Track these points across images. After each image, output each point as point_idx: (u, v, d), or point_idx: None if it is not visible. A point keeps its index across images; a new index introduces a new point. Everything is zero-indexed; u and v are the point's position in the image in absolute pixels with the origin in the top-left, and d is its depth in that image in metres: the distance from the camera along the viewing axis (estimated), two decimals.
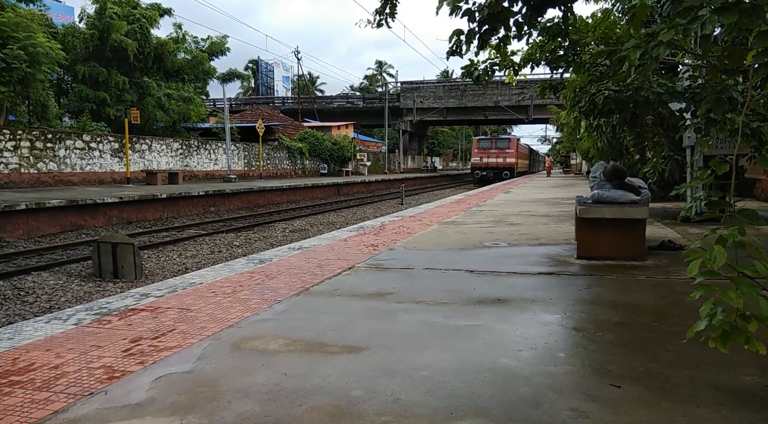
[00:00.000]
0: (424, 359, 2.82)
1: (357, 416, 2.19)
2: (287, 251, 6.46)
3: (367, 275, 5.03)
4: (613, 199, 5.91)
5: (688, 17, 2.38)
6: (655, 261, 5.59)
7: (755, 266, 1.97)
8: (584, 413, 2.20)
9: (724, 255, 1.96)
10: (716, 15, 2.25)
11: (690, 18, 2.37)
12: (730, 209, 2.19)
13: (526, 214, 10.89)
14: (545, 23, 6.21)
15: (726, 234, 1.99)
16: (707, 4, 2.31)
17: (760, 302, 1.92)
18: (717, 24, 2.26)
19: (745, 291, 1.92)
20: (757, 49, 2.23)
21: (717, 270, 1.96)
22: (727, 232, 1.99)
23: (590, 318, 3.60)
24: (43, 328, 3.41)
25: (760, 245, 2.01)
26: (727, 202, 2.25)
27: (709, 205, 2.30)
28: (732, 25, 2.29)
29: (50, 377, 2.62)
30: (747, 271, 1.97)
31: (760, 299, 1.92)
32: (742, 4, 2.20)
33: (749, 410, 2.21)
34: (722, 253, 1.96)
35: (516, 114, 50.74)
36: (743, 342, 1.95)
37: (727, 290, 1.94)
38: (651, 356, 2.86)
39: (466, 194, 18.51)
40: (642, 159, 14.49)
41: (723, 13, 2.22)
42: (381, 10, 5.64)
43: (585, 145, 22.24)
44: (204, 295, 4.25)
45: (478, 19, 4.75)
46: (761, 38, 2.21)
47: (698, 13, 2.34)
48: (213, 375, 2.63)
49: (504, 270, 5.21)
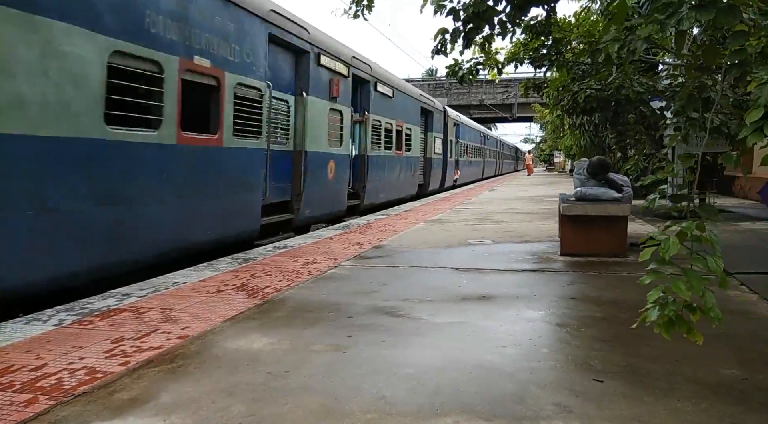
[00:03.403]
0: (409, 357, 2.83)
1: (342, 414, 2.19)
2: (272, 249, 6.43)
3: (352, 274, 5.02)
4: (596, 196, 5.97)
5: (666, 13, 2.42)
6: (636, 257, 5.65)
7: (707, 261, 2.05)
8: (567, 407, 2.22)
9: (676, 246, 2.05)
10: (693, 12, 2.29)
11: (667, 14, 2.41)
12: (691, 204, 2.25)
13: (510, 211, 10.97)
14: (528, 21, 6.25)
15: (684, 227, 2.06)
16: (686, 2, 2.35)
17: (707, 296, 2.01)
18: (694, 21, 2.30)
19: (694, 284, 2.01)
20: (731, 48, 2.28)
21: (668, 259, 2.05)
22: (685, 225, 2.06)
23: (573, 314, 3.64)
24: (23, 329, 3.36)
25: (716, 241, 2.08)
26: (690, 196, 2.31)
27: (673, 199, 2.36)
28: (709, 23, 2.33)
29: (31, 378, 2.58)
30: (699, 265, 2.05)
31: (707, 293, 2.01)
32: (719, 3, 2.24)
33: (727, 403, 2.26)
34: (675, 243, 2.05)
35: (500, 112, 51.02)
36: (684, 331, 2.04)
37: (678, 280, 2.02)
38: (633, 351, 2.90)
39: (450, 192, 18.57)
40: (624, 157, 14.68)
41: (700, 11, 2.26)
42: (358, 0, 5.60)
43: (568, 143, 22.47)
44: (187, 294, 4.21)
45: (463, 18, 4.77)
46: (736, 38, 2.25)
47: (677, 10, 2.37)
48: (197, 375, 2.61)
49: (489, 267, 5.24)
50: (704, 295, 2.00)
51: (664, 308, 2.03)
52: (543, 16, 5.93)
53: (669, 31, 2.46)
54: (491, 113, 52.06)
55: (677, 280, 2.02)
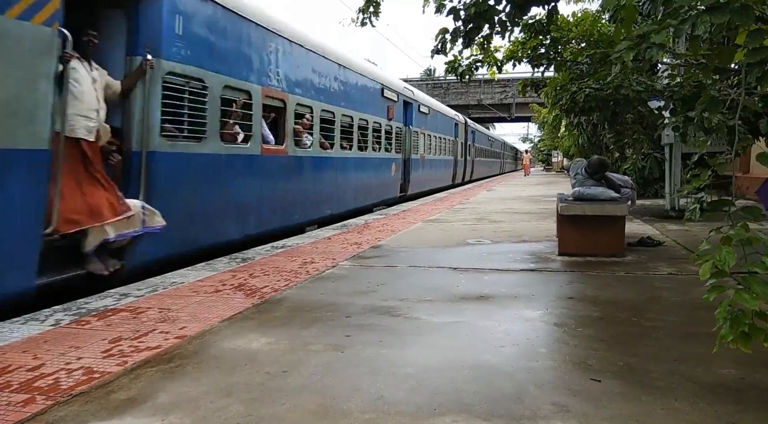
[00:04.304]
0: (408, 357, 2.83)
1: (341, 414, 2.19)
2: (270, 249, 6.42)
3: (350, 273, 5.02)
4: (594, 196, 5.98)
5: (679, 18, 2.39)
6: (634, 257, 5.67)
7: (765, 262, 1.94)
8: (565, 407, 2.22)
9: (733, 256, 1.95)
10: (708, 15, 2.25)
11: (681, 19, 2.38)
12: (732, 207, 2.16)
13: (508, 211, 10.97)
14: (527, 20, 6.26)
15: (733, 234, 1.97)
16: (697, 5, 2.32)
17: None
18: (709, 25, 2.26)
19: (758, 290, 1.90)
20: (749, 47, 2.24)
21: (728, 271, 1.94)
22: (734, 232, 1.97)
23: (571, 314, 3.64)
24: (20, 329, 3.35)
25: (767, 240, 2.00)
26: (730, 200, 2.22)
27: (711, 205, 2.30)
28: (723, 25, 2.30)
29: (28, 378, 2.57)
30: (757, 268, 1.95)
31: None
32: (732, 4, 2.21)
33: (725, 403, 2.26)
34: (731, 253, 1.95)
35: (499, 112, 50.99)
36: (763, 340, 1.94)
37: (741, 291, 1.93)
38: (630, 351, 2.90)
39: (449, 192, 18.59)
40: (622, 157, 14.69)
41: (714, 14, 2.22)
42: (365, 9, 5.65)
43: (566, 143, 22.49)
44: (185, 294, 4.21)
45: (464, 18, 4.78)
46: (753, 37, 2.22)
47: (688, 14, 2.34)
48: (195, 375, 2.61)
49: (487, 267, 5.24)
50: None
51: (735, 322, 1.94)
52: (543, 15, 5.94)
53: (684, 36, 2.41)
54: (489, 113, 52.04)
55: (739, 291, 1.93)
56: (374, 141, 12.09)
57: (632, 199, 6.44)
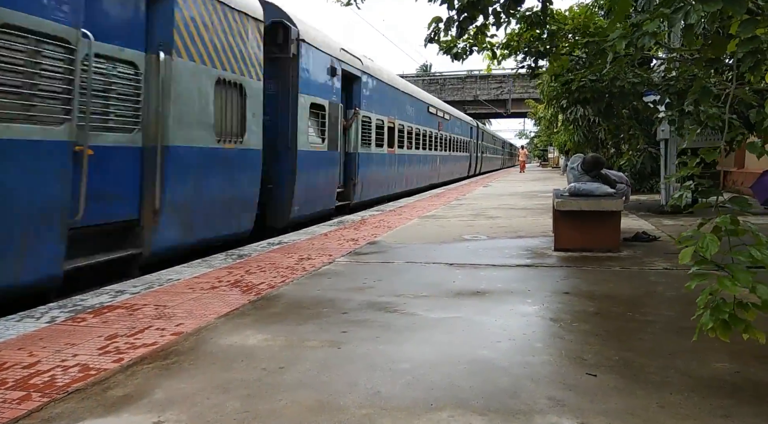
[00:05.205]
0: (405, 352, 2.83)
1: (337, 409, 2.19)
2: (267, 245, 6.41)
3: (347, 270, 5.02)
4: (590, 191, 5.99)
5: (672, 7, 2.38)
6: (629, 252, 5.69)
7: (751, 252, 1.93)
8: (561, 401, 2.23)
9: (716, 243, 1.94)
10: (700, 4, 2.24)
11: (674, 8, 2.37)
12: (720, 198, 2.16)
13: (504, 207, 10.99)
14: (524, 12, 6.24)
15: (719, 222, 1.96)
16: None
17: (758, 288, 1.87)
18: (702, 14, 2.25)
19: (741, 278, 1.88)
20: (742, 36, 2.23)
21: (710, 258, 1.93)
22: (720, 220, 1.96)
23: (567, 309, 3.66)
24: (15, 326, 3.34)
25: (756, 230, 1.98)
26: (718, 190, 2.23)
27: (701, 194, 2.29)
28: (716, 14, 2.29)
29: (23, 376, 2.56)
30: (742, 258, 1.93)
31: (757, 285, 1.88)
32: None
33: (719, 396, 2.27)
34: (714, 240, 1.94)
35: (495, 108, 50.96)
36: (742, 330, 1.94)
37: (723, 278, 1.91)
38: (626, 345, 2.91)
39: (445, 188, 18.59)
40: (617, 152, 14.71)
41: (707, 3, 2.21)
42: None
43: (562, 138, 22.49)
44: (181, 291, 4.20)
45: (457, 7, 4.75)
46: (746, 26, 2.21)
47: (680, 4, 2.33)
48: (191, 371, 2.61)
49: (483, 263, 5.25)
50: (755, 289, 1.87)
51: (716, 310, 1.92)
52: (539, 7, 5.92)
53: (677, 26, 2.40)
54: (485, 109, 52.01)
55: (722, 278, 1.91)
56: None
57: (626, 196, 6.46)
